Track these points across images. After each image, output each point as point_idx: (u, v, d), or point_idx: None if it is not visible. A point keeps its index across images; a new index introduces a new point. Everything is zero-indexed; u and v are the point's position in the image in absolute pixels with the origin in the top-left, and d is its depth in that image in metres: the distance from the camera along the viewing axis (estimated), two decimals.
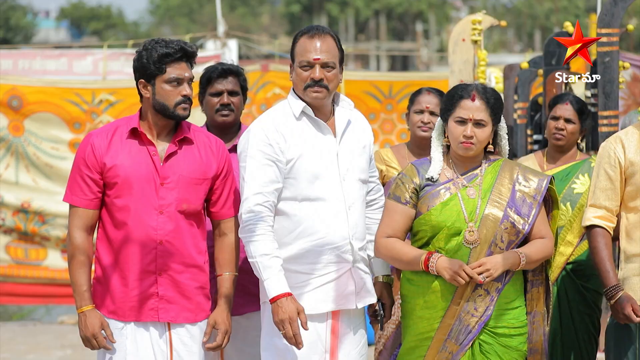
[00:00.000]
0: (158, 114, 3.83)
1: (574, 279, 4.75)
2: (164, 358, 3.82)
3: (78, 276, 3.80)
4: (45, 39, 49.88)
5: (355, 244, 3.85)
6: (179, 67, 3.80)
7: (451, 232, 3.85)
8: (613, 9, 4.98)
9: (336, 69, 3.83)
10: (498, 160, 3.97)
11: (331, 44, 3.82)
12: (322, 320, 3.83)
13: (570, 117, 4.91)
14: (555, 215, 3.98)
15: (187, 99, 3.81)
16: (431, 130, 4.79)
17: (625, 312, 3.95)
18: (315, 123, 3.85)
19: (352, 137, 3.93)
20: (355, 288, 3.86)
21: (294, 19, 48.23)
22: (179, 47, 3.79)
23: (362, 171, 3.93)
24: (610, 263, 4.01)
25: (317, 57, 3.78)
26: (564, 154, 4.95)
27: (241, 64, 4.91)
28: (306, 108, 3.83)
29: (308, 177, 3.79)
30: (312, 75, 3.78)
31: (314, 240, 3.79)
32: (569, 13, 39.10)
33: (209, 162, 3.90)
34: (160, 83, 3.79)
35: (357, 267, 3.88)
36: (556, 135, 4.91)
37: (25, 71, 10.46)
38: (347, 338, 3.88)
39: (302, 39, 3.83)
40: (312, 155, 3.81)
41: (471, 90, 3.88)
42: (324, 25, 6.07)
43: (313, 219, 3.79)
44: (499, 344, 3.86)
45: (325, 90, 3.81)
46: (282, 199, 3.79)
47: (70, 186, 3.85)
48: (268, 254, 3.72)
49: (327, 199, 3.81)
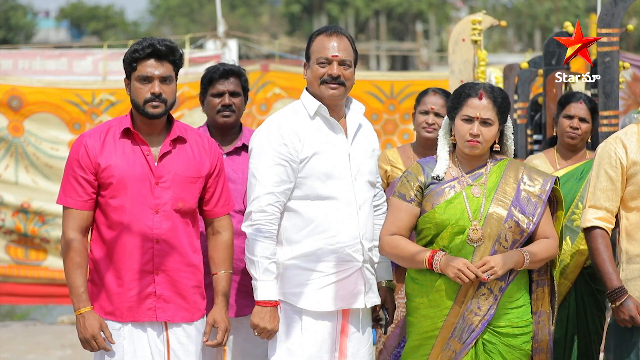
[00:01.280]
0: (136, 112, 3.82)
1: (590, 282, 4.74)
2: (162, 358, 3.82)
3: (75, 278, 3.77)
4: (45, 39, 49.89)
5: (365, 243, 3.89)
6: (148, 64, 3.76)
7: (455, 231, 3.86)
8: (613, 9, 4.98)
9: (352, 68, 3.87)
10: (504, 160, 3.97)
11: (347, 44, 3.87)
12: (333, 319, 3.85)
13: (584, 116, 4.89)
14: (560, 215, 3.98)
15: (157, 97, 3.77)
16: (436, 132, 4.79)
17: (632, 314, 3.94)
18: (329, 123, 3.88)
19: (363, 140, 3.97)
20: (364, 287, 3.89)
21: (294, 19, 48.23)
22: (147, 44, 3.76)
23: (371, 173, 3.98)
24: (612, 265, 3.99)
25: (335, 54, 3.82)
26: (575, 152, 4.93)
27: (241, 64, 4.90)
28: (321, 107, 3.85)
29: (321, 177, 3.82)
30: (329, 72, 3.81)
31: (326, 239, 3.82)
32: (569, 13, 39.10)
33: (202, 160, 3.90)
34: (133, 81, 3.80)
35: (366, 267, 3.91)
36: (571, 134, 4.87)
37: (25, 71, 10.47)
38: (356, 337, 3.92)
39: (319, 37, 3.86)
40: (325, 155, 3.84)
41: (479, 89, 3.90)
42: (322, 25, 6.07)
43: (325, 218, 3.82)
44: (502, 343, 3.87)
45: (342, 87, 3.84)
46: (295, 198, 3.82)
47: (64, 188, 3.82)
48: (269, 257, 3.78)
49: (339, 199, 3.84)
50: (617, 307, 3.97)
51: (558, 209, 3.98)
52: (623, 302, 3.95)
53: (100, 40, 41.14)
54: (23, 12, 45.49)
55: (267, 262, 3.77)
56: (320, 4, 47.37)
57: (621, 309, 3.96)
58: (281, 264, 3.82)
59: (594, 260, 4.04)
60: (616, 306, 3.98)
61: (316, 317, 3.82)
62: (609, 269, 3.98)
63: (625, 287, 4.00)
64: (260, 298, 3.77)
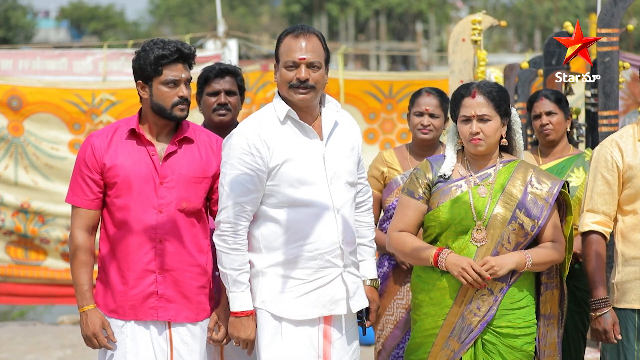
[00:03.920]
0: (156, 114, 3.83)
1: (568, 278, 4.75)
2: (165, 356, 3.83)
3: (79, 276, 3.83)
4: (45, 39, 49.92)
5: (345, 248, 3.80)
6: (175, 68, 3.79)
7: (459, 230, 3.87)
8: (613, 9, 4.98)
9: (322, 69, 3.74)
10: (514, 161, 3.98)
11: (317, 44, 3.73)
12: (314, 325, 3.79)
13: (550, 109, 4.93)
14: (569, 220, 3.97)
15: (184, 100, 3.81)
16: (431, 133, 4.81)
17: (607, 328, 3.94)
18: (300, 126, 3.77)
19: (340, 140, 3.85)
20: (346, 293, 3.82)
21: (294, 19, 48.21)
22: (175, 49, 3.78)
23: (350, 174, 3.86)
24: (602, 274, 3.99)
25: (302, 57, 3.69)
26: (554, 147, 4.96)
27: (241, 64, 4.92)
28: (290, 111, 3.75)
29: (293, 183, 3.72)
30: (297, 76, 3.69)
31: (304, 246, 3.74)
32: (569, 13, 39.10)
33: (209, 160, 3.90)
34: (157, 84, 3.80)
35: (349, 271, 3.83)
36: (544, 131, 4.92)
37: (25, 71, 10.45)
38: (340, 342, 3.83)
39: (286, 38, 3.74)
40: (297, 161, 3.73)
41: (472, 88, 3.92)
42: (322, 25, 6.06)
43: (302, 224, 3.73)
44: (503, 343, 3.87)
45: (312, 90, 3.72)
46: (270, 205, 3.74)
47: (72, 187, 3.88)
48: (238, 269, 3.73)
49: (314, 204, 3.74)
50: (596, 318, 3.98)
51: (567, 214, 3.98)
52: (603, 314, 3.95)
53: (100, 40, 41.14)
54: (23, 12, 45.50)
55: (236, 274, 3.73)
56: (320, 4, 47.37)
57: (599, 320, 3.96)
58: (260, 271, 3.76)
59: (585, 265, 4.04)
60: (596, 316, 3.98)
61: (297, 325, 3.76)
62: (597, 277, 3.98)
63: (623, 289, 4.00)
64: (232, 309, 3.75)
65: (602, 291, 3.97)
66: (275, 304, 3.75)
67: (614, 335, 3.96)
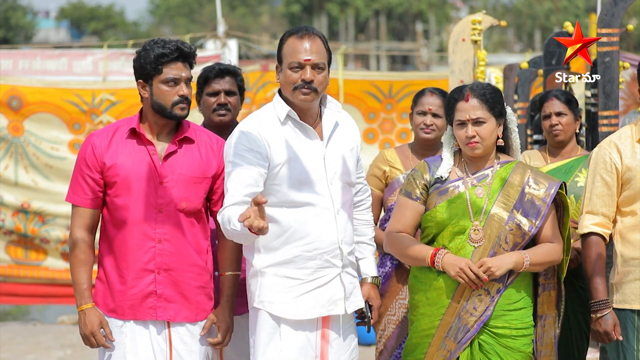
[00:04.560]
0: (157, 114, 3.84)
1: (572, 278, 4.75)
2: (164, 356, 3.84)
3: (78, 275, 3.84)
4: (45, 39, 49.91)
5: (344, 248, 3.81)
6: (175, 67, 3.80)
7: (455, 230, 3.87)
8: (613, 9, 4.98)
9: (325, 71, 3.75)
10: (511, 162, 3.98)
11: (320, 45, 3.73)
12: (312, 325, 3.79)
13: (560, 110, 4.93)
14: (566, 221, 3.97)
15: (185, 99, 3.81)
16: (434, 132, 4.81)
17: (607, 329, 3.94)
18: (301, 127, 3.77)
19: (340, 140, 3.86)
20: (344, 293, 3.81)
21: (294, 19, 48.20)
22: (175, 47, 3.79)
23: (349, 174, 3.87)
24: (602, 276, 3.99)
25: (307, 58, 3.69)
26: (564, 148, 4.97)
27: (241, 64, 4.93)
28: (291, 112, 3.76)
29: (294, 183, 3.72)
30: (302, 77, 3.69)
31: (303, 246, 3.74)
32: (569, 13, 39.09)
33: (209, 161, 3.91)
34: (157, 83, 3.80)
35: (346, 271, 3.84)
36: (553, 132, 4.92)
37: (25, 71, 10.46)
38: (338, 343, 3.83)
39: (290, 39, 3.73)
40: (297, 161, 3.73)
41: (465, 91, 3.91)
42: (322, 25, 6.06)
43: (302, 224, 3.73)
44: (500, 344, 3.87)
45: (314, 92, 3.72)
46: (270, 205, 3.72)
47: (72, 186, 3.89)
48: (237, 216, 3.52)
49: (314, 204, 3.74)
50: (597, 319, 3.98)
51: (565, 215, 3.98)
52: (604, 316, 3.95)
53: (100, 40, 41.14)
54: (23, 12, 45.49)
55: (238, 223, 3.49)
56: (320, 4, 47.36)
57: (599, 321, 3.96)
58: (259, 271, 3.76)
59: (585, 267, 4.04)
60: (596, 318, 3.98)
61: (295, 325, 3.75)
62: (597, 279, 3.98)
63: (621, 290, 4.01)
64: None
65: (602, 293, 3.97)
66: (273, 303, 3.75)
67: (614, 336, 3.96)
